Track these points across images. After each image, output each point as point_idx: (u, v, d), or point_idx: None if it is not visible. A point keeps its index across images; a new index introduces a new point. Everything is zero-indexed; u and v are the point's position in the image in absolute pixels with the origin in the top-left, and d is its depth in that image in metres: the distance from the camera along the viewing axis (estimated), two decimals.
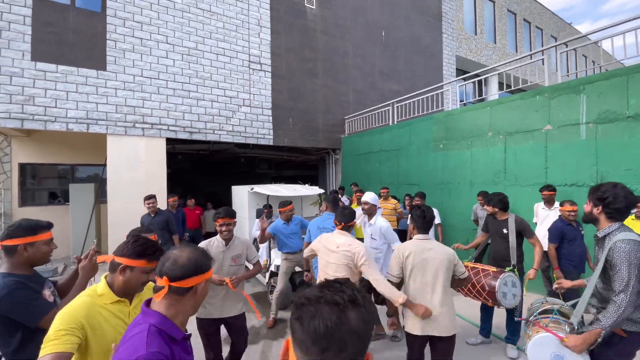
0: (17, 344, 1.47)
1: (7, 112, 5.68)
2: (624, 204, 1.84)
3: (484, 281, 2.99)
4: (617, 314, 1.74)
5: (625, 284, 1.74)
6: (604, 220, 1.92)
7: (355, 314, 0.67)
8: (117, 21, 6.57)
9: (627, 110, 4.10)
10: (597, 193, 1.94)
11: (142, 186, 6.58)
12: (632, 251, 1.74)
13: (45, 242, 1.61)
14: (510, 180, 5.29)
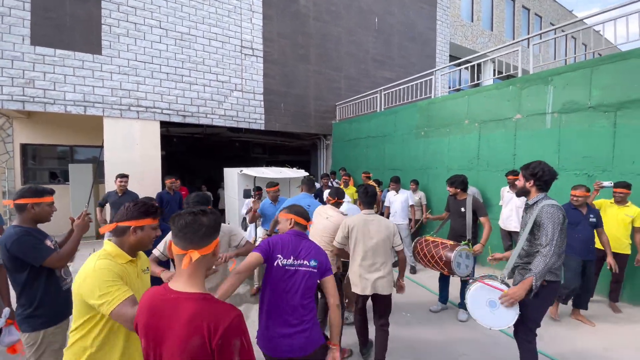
0: (25, 280, 1.86)
1: (10, 94, 5.96)
2: (549, 177, 2.28)
3: (442, 253, 3.40)
4: (544, 263, 2.12)
5: (550, 238, 2.13)
6: (534, 192, 2.33)
7: (204, 216, 1.16)
8: (112, 6, 6.75)
9: (589, 100, 4.39)
10: (529, 170, 2.33)
11: (137, 167, 6.93)
12: (555, 213, 2.16)
13: (48, 204, 1.98)
14: (482, 165, 5.62)
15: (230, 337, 1.01)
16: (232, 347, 1.01)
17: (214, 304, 1.07)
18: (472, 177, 5.60)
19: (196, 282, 1.12)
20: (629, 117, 4.03)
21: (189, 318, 1.02)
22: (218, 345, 0.99)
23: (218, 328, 0.99)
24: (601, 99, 4.26)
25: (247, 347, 1.07)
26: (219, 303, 1.09)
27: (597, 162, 4.27)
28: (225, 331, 0.99)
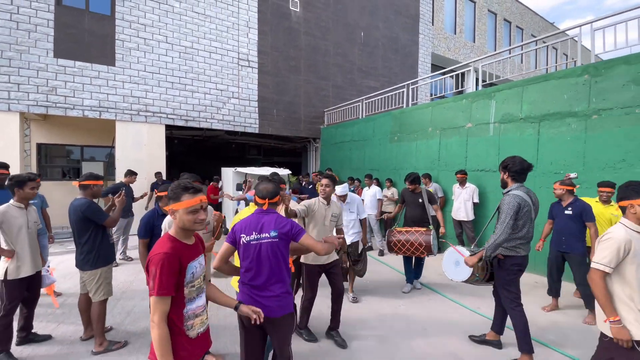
0: (88, 235, 2.80)
1: (35, 100, 6.87)
2: (519, 167, 2.71)
3: (420, 239, 4.13)
4: (493, 240, 2.62)
5: (502, 221, 2.63)
6: (510, 182, 2.77)
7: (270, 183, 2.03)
8: (124, 23, 7.69)
9: (520, 113, 5.39)
10: (502, 164, 2.83)
11: (145, 165, 7.83)
12: (511, 202, 2.62)
13: (99, 186, 2.92)
14: (442, 166, 6.60)
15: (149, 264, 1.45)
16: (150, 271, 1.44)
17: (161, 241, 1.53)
18: (434, 175, 6.60)
19: (172, 229, 1.59)
20: (548, 127, 5.03)
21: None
22: (148, 264, 1.49)
23: (151, 253, 1.51)
24: (529, 112, 5.26)
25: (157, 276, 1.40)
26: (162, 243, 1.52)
27: None
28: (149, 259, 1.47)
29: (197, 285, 1.52)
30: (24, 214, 2.87)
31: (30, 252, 2.88)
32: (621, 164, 4.29)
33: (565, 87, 4.85)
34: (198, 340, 1.51)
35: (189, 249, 1.51)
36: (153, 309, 1.37)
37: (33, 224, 2.97)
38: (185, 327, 1.45)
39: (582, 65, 4.77)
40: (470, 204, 5.75)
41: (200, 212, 1.51)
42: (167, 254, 1.39)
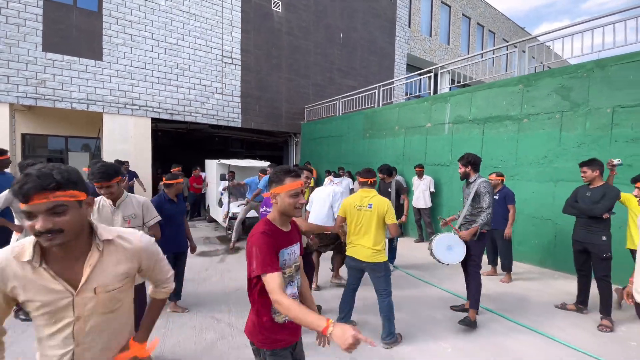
0: None
1: (24, 92, 7.16)
2: (478, 160, 3.35)
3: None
4: (486, 217, 3.13)
5: (488, 201, 3.15)
6: (472, 173, 3.32)
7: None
8: (112, 20, 8.02)
9: (469, 115, 6.23)
10: (464, 160, 3.33)
11: (131, 156, 8.24)
12: (489, 186, 3.20)
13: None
14: (406, 161, 7.41)
15: (249, 245, 1.44)
16: (251, 251, 1.41)
17: (259, 224, 1.51)
18: (399, 169, 7.38)
19: (270, 213, 1.57)
20: (490, 128, 5.89)
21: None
22: (248, 247, 1.46)
23: (250, 237, 1.47)
24: (476, 115, 6.10)
25: (258, 255, 1.38)
26: (260, 225, 1.49)
27: None
28: (249, 240, 1.47)
29: (287, 273, 1.51)
30: None
31: None
32: (543, 160, 5.19)
33: (505, 94, 5.70)
34: (286, 326, 1.48)
35: (284, 235, 1.51)
36: (268, 289, 1.34)
37: None
38: (272, 311, 1.46)
39: (518, 76, 5.63)
40: (428, 193, 6.58)
41: (300, 196, 1.50)
42: (264, 233, 1.41)
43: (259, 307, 1.47)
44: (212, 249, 6.08)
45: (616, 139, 4.50)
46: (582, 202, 3.48)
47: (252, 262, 1.39)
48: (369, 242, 2.87)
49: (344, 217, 3.03)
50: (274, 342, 1.46)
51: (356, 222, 2.94)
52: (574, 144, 4.87)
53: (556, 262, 4.98)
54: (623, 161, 4.40)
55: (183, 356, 2.66)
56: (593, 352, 2.79)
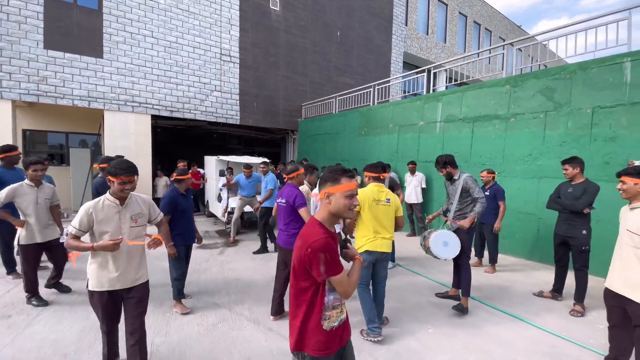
0: None
1: (27, 89, 7.32)
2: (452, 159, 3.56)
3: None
4: (482, 207, 3.37)
5: (479, 192, 3.39)
6: (455, 171, 3.57)
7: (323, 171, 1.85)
8: (112, 18, 8.16)
9: (460, 114, 6.46)
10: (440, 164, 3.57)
11: (132, 152, 8.42)
12: (474, 180, 3.46)
13: None
14: (400, 158, 7.65)
15: (314, 250, 1.35)
16: (318, 258, 1.35)
17: (312, 227, 1.45)
18: (393, 166, 7.62)
19: (319, 212, 1.52)
20: (479, 127, 6.13)
21: (302, 230, 1.49)
22: (307, 253, 1.37)
23: (307, 242, 1.39)
24: (466, 114, 6.34)
25: (329, 259, 1.36)
26: (316, 228, 1.43)
27: (463, 155, 6.35)
28: (310, 245, 1.36)
29: None
30: (34, 191, 3.42)
31: (36, 224, 3.40)
32: (528, 157, 5.44)
33: (493, 94, 5.94)
34: (332, 333, 1.46)
35: (333, 236, 1.49)
36: (342, 286, 1.41)
37: (43, 200, 3.48)
38: (322, 317, 1.44)
39: (506, 77, 5.87)
40: (419, 189, 6.83)
41: (355, 198, 1.48)
42: (327, 237, 1.40)
43: (310, 312, 1.44)
44: (212, 242, 6.31)
45: (595, 138, 4.75)
46: (564, 197, 3.73)
47: (319, 267, 1.36)
48: (389, 234, 3.03)
49: (359, 211, 3.02)
50: (321, 349, 1.44)
51: (376, 216, 2.98)
52: (556, 142, 5.12)
53: (539, 255, 5.25)
54: (601, 159, 4.68)
55: (187, 336, 2.90)
56: (560, 333, 3.06)
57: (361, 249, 2.97)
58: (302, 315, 1.46)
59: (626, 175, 2.34)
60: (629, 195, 2.32)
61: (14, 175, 3.97)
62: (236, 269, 4.76)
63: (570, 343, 2.93)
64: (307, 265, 1.40)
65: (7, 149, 4.18)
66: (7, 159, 4.13)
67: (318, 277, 1.39)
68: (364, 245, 2.97)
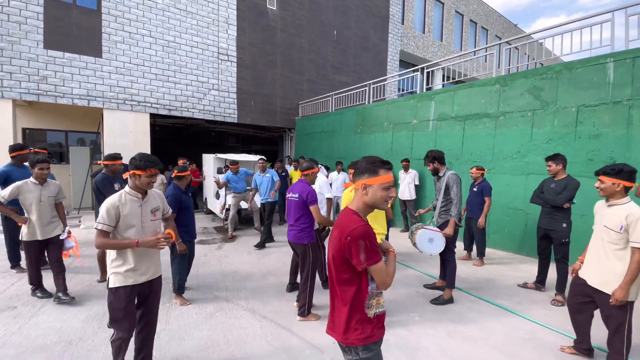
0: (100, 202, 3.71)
1: (27, 88, 7.44)
2: (441, 155, 3.65)
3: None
4: (456, 209, 3.49)
5: (456, 192, 3.49)
6: (441, 168, 3.65)
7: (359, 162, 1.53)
8: (110, 18, 8.26)
9: (452, 113, 6.62)
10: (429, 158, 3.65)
11: (131, 150, 8.54)
12: (457, 178, 3.53)
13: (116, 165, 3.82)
14: (394, 156, 7.80)
15: (354, 238, 1.36)
16: (358, 245, 1.36)
17: (350, 216, 1.45)
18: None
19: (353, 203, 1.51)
20: (470, 125, 6.29)
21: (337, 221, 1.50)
22: (347, 241, 1.37)
23: (346, 230, 1.38)
24: (458, 112, 6.50)
25: (369, 246, 1.36)
26: (354, 217, 1.44)
27: (454, 153, 6.52)
28: (350, 233, 1.37)
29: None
30: (38, 189, 3.48)
31: (38, 221, 3.46)
32: (516, 155, 5.62)
33: (483, 93, 6.10)
34: (375, 320, 1.48)
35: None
36: (381, 275, 1.40)
37: (47, 198, 3.53)
38: (367, 306, 1.45)
39: (495, 77, 6.02)
40: (413, 186, 7.00)
41: (392, 190, 1.48)
42: (366, 224, 1.41)
43: (354, 303, 1.45)
44: (210, 238, 6.47)
45: (580, 135, 4.92)
46: (547, 193, 3.90)
47: (359, 255, 1.36)
48: (382, 228, 3.10)
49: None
50: (368, 337, 1.45)
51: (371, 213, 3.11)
52: (543, 140, 5.29)
53: (527, 249, 5.44)
54: (585, 156, 4.86)
55: (186, 324, 3.06)
56: (541, 321, 3.24)
57: None
58: (347, 307, 1.45)
59: (604, 174, 2.46)
60: (606, 193, 2.47)
61: (23, 173, 4.09)
62: (233, 263, 4.92)
63: (548, 330, 3.10)
64: (346, 254, 1.40)
65: (18, 148, 4.34)
66: (19, 157, 4.29)
67: (358, 265, 1.38)
68: None
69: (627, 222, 2.29)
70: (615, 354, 2.35)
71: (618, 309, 2.34)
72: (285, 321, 3.16)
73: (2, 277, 4.12)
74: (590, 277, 2.51)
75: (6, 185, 3.62)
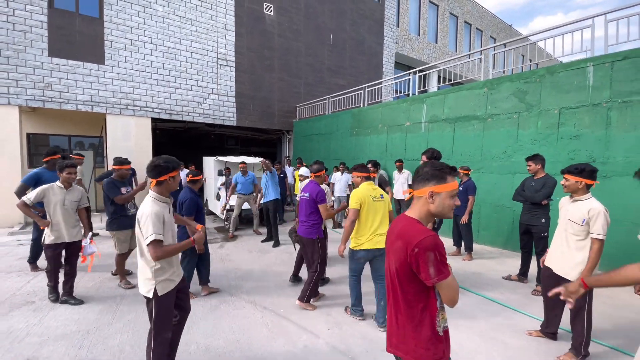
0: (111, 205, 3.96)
1: (32, 95, 7.69)
2: (438, 156, 3.84)
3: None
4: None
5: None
6: None
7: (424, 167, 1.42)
8: (112, 25, 8.52)
9: (442, 115, 6.91)
10: (429, 153, 3.83)
11: (133, 154, 8.79)
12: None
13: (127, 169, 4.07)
14: (388, 157, 8.09)
15: (422, 250, 1.25)
16: (427, 258, 1.25)
17: (415, 225, 1.35)
18: (382, 164, 8.06)
19: (413, 211, 1.42)
20: (460, 127, 6.57)
21: (398, 230, 1.39)
22: (414, 253, 1.27)
23: (413, 241, 1.28)
24: (448, 114, 6.78)
25: (439, 259, 1.25)
26: (419, 226, 1.34)
27: (446, 154, 6.78)
28: (417, 244, 1.26)
29: None
30: (63, 193, 3.55)
31: (63, 224, 3.54)
32: (503, 155, 5.90)
33: (472, 96, 6.38)
34: (444, 338, 1.38)
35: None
36: (450, 294, 1.29)
37: (70, 202, 3.60)
38: (437, 323, 1.35)
39: (483, 81, 6.31)
40: (406, 186, 7.27)
41: (456, 197, 1.40)
42: (435, 235, 1.31)
43: (423, 320, 1.35)
44: (212, 238, 6.72)
45: (562, 136, 5.21)
46: (527, 190, 4.18)
47: (428, 268, 1.26)
48: (385, 228, 3.11)
49: (359, 208, 3.08)
50: (443, 356, 1.36)
51: (374, 213, 3.10)
52: (528, 140, 5.58)
53: (513, 244, 5.71)
54: (566, 156, 5.14)
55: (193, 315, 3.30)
56: (520, 309, 3.52)
57: (360, 247, 3.09)
58: (414, 326, 1.35)
59: (568, 173, 2.75)
60: (570, 190, 2.75)
61: (52, 177, 4.25)
62: (235, 260, 5.18)
63: (527, 317, 3.38)
64: (413, 267, 1.30)
65: (51, 153, 4.61)
66: (51, 162, 4.55)
67: (427, 280, 1.27)
68: (363, 243, 3.08)
69: (589, 215, 2.57)
70: (577, 335, 2.63)
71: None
72: (284, 312, 3.43)
73: (17, 276, 4.37)
74: (555, 266, 2.78)
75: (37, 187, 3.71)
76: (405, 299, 1.36)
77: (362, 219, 3.11)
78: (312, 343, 2.86)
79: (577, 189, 2.69)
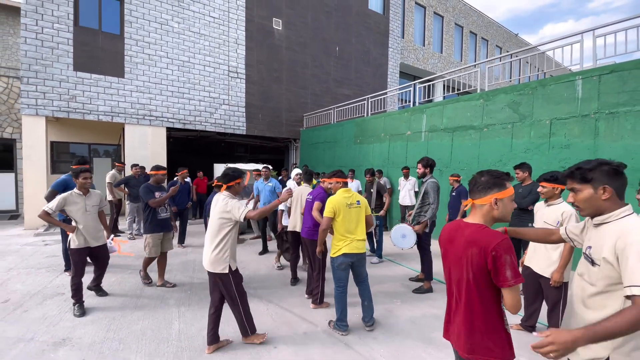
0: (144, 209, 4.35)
1: (58, 106, 8.30)
2: (433, 164, 4.18)
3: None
4: (432, 212, 4.06)
5: (434, 198, 4.05)
6: (428, 174, 4.18)
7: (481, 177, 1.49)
8: (132, 42, 9.15)
9: (441, 125, 7.23)
10: (425, 162, 4.15)
11: (150, 161, 9.32)
12: (435, 185, 4.08)
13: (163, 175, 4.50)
14: (391, 164, 8.41)
15: (500, 253, 1.29)
16: (504, 261, 1.28)
17: (487, 230, 1.40)
18: (385, 172, 8.38)
19: (476, 218, 1.48)
20: (458, 136, 6.88)
21: (468, 237, 1.43)
22: (492, 256, 1.29)
23: (490, 245, 1.31)
24: (447, 124, 7.10)
25: (515, 263, 1.29)
26: (490, 230, 1.39)
27: (444, 162, 7.09)
28: (495, 248, 1.29)
29: None
30: (82, 200, 3.62)
31: (88, 229, 3.62)
32: (498, 163, 6.17)
33: (469, 107, 6.70)
34: (510, 336, 1.43)
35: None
36: (515, 299, 1.31)
37: (91, 207, 3.69)
38: (505, 322, 1.39)
39: (479, 92, 6.63)
40: (413, 192, 7.56)
41: (514, 202, 1.47)
42: (509, 238, 1.34)
43: (498, 325, 1.40)
44: None
45: (553, 145, 5.47)
46: (515, 197, 4.45)
47: (505, 271, 1.29)
48: (362, 234, 3.20)
49: (332, 217, 3.14)
50: (512, 355, 1.40)
51: (349, 220, 3.15)
52: (521, 149, 5.85)
53: None
54: (557, 164, 5.40)
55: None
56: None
57: (338, 253, 3.14)
58: (490, 329, 1.40)
59: (544, 181, 3.06)
60: (546, 196, 3.05)
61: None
62: (243, 261, 5.55)
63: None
64: (490, 269, 1.33)
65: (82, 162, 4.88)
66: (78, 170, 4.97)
67: (504, 282, 1.30)
68: (341, 248, 3.14)
69: (563, 217, 2.87)
70: (553, 327, 2.89)
71: (556, 289, 2.90)
72: (287, 305, 3.77)
73: (47, 272, 4.82)
74: (534, 265, 3.06)
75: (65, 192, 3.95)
76: (483, 304, 1.41)
77: (337, 226, 3.16)
78: (311, 330, 3.18)
79: (554, 194, 2.99)
